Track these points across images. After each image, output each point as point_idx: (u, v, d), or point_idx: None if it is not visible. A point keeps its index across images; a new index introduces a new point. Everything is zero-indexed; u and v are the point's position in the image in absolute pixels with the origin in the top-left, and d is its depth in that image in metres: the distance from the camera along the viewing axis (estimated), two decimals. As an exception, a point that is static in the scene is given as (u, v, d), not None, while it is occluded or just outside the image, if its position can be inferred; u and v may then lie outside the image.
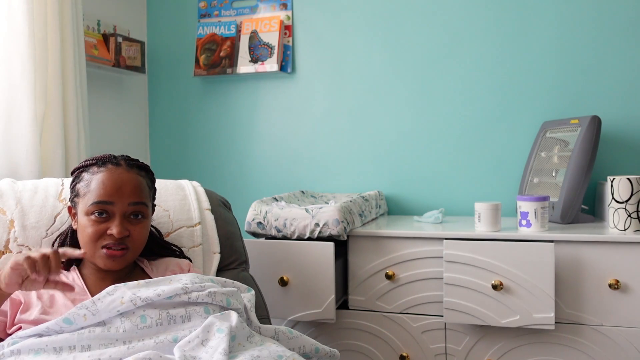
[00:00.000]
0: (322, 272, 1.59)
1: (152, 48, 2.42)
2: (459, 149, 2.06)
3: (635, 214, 1.51)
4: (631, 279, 1.48)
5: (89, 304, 0.97)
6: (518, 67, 2.00)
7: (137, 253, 1.16)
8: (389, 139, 2.14)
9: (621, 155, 1.91)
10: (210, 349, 0.93)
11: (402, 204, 2.14)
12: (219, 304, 1.05)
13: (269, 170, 2.29)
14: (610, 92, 1.91)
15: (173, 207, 1.42)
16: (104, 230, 1.11)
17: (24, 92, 1.63)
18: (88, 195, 1.13)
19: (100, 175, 1.14)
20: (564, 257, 1.53)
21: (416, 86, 2.10)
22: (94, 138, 2.09)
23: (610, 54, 1.91)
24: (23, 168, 1.64)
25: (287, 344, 1.09)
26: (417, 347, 1.65)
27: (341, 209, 1.60)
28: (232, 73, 2.23)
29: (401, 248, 1.65)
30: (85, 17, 2.06)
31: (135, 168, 1.19)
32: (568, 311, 1.54)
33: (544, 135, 1.90)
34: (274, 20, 2.20)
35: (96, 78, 2.15)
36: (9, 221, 1.28)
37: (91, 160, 1.19)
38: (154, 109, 2.44)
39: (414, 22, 2.10)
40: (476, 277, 1.52)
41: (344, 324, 1.71)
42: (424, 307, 1.64)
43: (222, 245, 1.44)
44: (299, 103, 2.24)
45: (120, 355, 0.92)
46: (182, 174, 2.38)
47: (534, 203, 1.58)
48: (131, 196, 1.14)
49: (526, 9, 1.98)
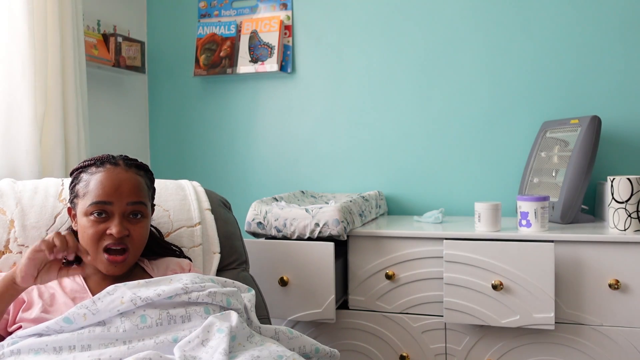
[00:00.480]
0: (322, 272, 1.59)
1: (152, 48, 2.42)
2: (459, 149, 2.06)
3: (635, 214, 1.51)
4: (631, 279, 1.48)
5: (89, 303, 0.97)
6: (518, 67, 2.00)
7: (137, 254, 1.16)
8: (389, 139, 2.14)
9: (621, 155, 1.91)
10: (211, 349, 0.93)
11: (402, 204, 2.14)
12: (219, 304, 1.05)
13: (269, 170, 2.29)
14: (610, 92, 1.91)
15: (173, 207, 1.42)
16: (103, 231, 1.11)
17: (24, 92, 1.63)
18: (87, 195, 1.13)
19: (98, 176, 1.14)
20: (564, 257, 1.53)
21: (416, 86, 2.10)
22: (94, 138, 2.09)
23: (610, 54, 1.91)
24: (23, 168, 1.64)
25: (287, 344, 1.09)
26: (417, 347, 1.65)
27: (341, 209, 1.60)
28: (232, 73, 2.23)
29: (401, 248, 1.65)
30: (85, 17, 2.06)
31: (134, 167, 1.19)
32: (568, 311, 1.54)
33: (544, 135, 1.90)
34: (274, 20, 2.20)
35: (96, 78, 2.15)
36: (9, 221, 1.28)
37: (89, 161, 1.18)
38: (154, 109, 2.44)
39: (414, 22, 2.10)
40: (476, 277, 1.52)
41: (344, 324, 1.71)
42: (424, 307, 1.64)
43: (222, 245, 1.44)
44: (299, 103, 2.24)
45: (120, 355, 0.92)
46: (182, 174, 2.38)
47: (534, 203, 1.58)
48: (130, 196, 1.14)
49: (526, 9, 1.98)
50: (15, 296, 1.04)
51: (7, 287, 1.02)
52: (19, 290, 1.03)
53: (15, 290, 1.03)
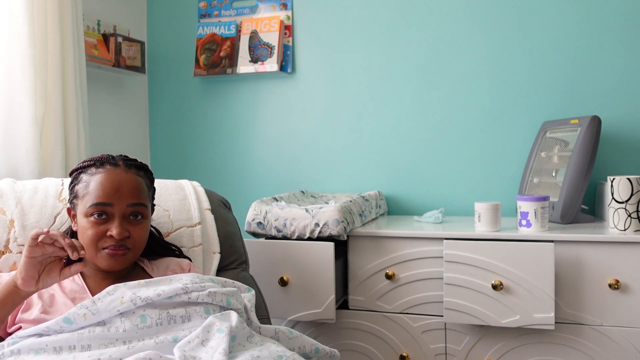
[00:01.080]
0: (322, 272, 1.59)
1: (152, 48, 2.42)
2: (459, 149, 2.06)
3: (635, 214, 1.51)
4: (631, 279, 1.48)
5: (89, 303, 0.97)
6: (518, 67, 2.00)
7: (137, 253, 1.16)
8: (389, 139, 2.14)
9: (621, 155, 1.91)
10: (211, 349, 0.93)
11: (402, 204, 2.14)
12: (219, 304, 1.05)
13: (269, 170, 2.29)
14: (610, 92, 1.91)
15: (173, 207, 1.42)
16: (103, 232, 1.11)
17: (24, 92, 1.63)
18: (87, 197, 1.12)
19: (98, 177, 1.14)
20: (564, 257, 1.53)
21: (416, 86, 2.10)
22: (94, 138, 2.09)
23: (610, 54, 1.91)
24: (23, 168, 1.64)
25: (287, 344, 1.09)
26: (417, 347, 1.65)
27: (341, 209, 1.60)
28: (232, 73, 2.23)
29: (401, 248, 1.65)
30: (85, 17, 2.06)
31: (134, 168, 1.19)
32: (568, 311, 1.54)
33: (544, 135, 1.90)
34: (274, 20, 2.20)
35: (96, 78, 2.15)
36: (9, 221, 1.28)
37: (89, 162, 1.18)
38: (154, 109, 2.44)
39: (414, 22, 2.10)
40: (476, 277, 1.52)
41: (344, 324, 1.71)
42: (424, 307, 1.64)
43: (222, 245, 1.44)
44: (299, 103, 2.24)
45: (120, 355, 0.92)
46: (182, 174, 2.38)
47: (534, 203, 1.58)
48: (130, 197, 1.13)
49: (526, 8, 1.98)
50: (18, 302, 1.02)
51: (8, 293, 1.00)
52: (21, 295, 1.01)
53: (17, 295, 1.01)
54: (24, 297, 1.02)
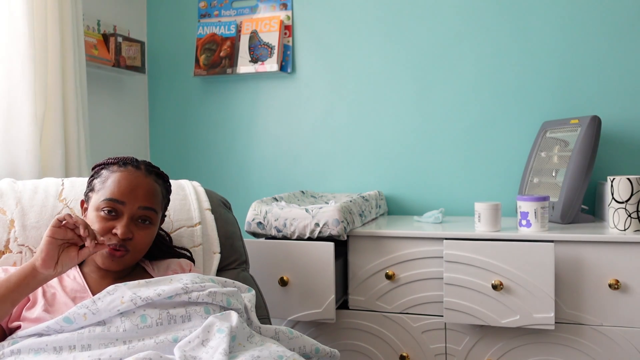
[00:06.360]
0: (322, 272, 1.59)
1: (152, 48, 2.42)
2: (459, 149, 2.06)
3: (635, 214, 1.51)
4: (631, 279, 1.48)
5: (89, 303, 0.97)
6: (518, 67, 2.00)
7: (136, 257, 1.15)
8: (389, 139, 2.14)
9: (621, 155, 1.91)
10: (211, 349, 0.93)
11: (402, 204, 2.14)
12: (219, 304, 1.05)
13: (269, 170, 2.29)
14: (610, 92, 1.91)
15: (173, 207, 1.42)
16: (109, 229, 1.11)
17: (24, 92, 1.63)
18: (102, 191, 1.14)
19: (118, 174, 1.15)
20: (564, 257, 1.53)
21: (416, 86, 2.10)
22: (94, 138, 2.09)
23: (610, 54, 1.91)
24: (23, 168, 1.64)
25: (288, 344, 1.09)
26: (417, 347, 1.65)
27: (341, 209, 1.60)
28: (232, 73, 2.23)
29: (401, 248, 1.65)
30: (85, 17, 2.06)
31: (154, 175, 1.20)
32: (568, 311, 1.54)
33: (544, 135, 1.90)
34: (274, 20, 2.20)
35: (96, 78, 2.15)
36: (9, 221, 1.28)
37: (113, 159, 1.19)
38: (154, 109, 2.44)
39: (414, 22, 2.10)
40: (476, 277, 1.52)
41: (344, 324, 1.71)
42: (424, 307, 1.64)
43: (222, 245, 1.44)
44: (299, 103, 2.24)
45: (121, 355, 0.92)
46: (182, 174, 2.38)
47: (534, 203, 1.58)
48: (143, 200, 1.14)
49: (526, 9, 1.98)
50: (34, 287, 1.00)
51: (25, 275, 0.98)
52: (38, 279, 0.99)
53: (34, 278, 0.99)
54: (40, 282, 1.00)
